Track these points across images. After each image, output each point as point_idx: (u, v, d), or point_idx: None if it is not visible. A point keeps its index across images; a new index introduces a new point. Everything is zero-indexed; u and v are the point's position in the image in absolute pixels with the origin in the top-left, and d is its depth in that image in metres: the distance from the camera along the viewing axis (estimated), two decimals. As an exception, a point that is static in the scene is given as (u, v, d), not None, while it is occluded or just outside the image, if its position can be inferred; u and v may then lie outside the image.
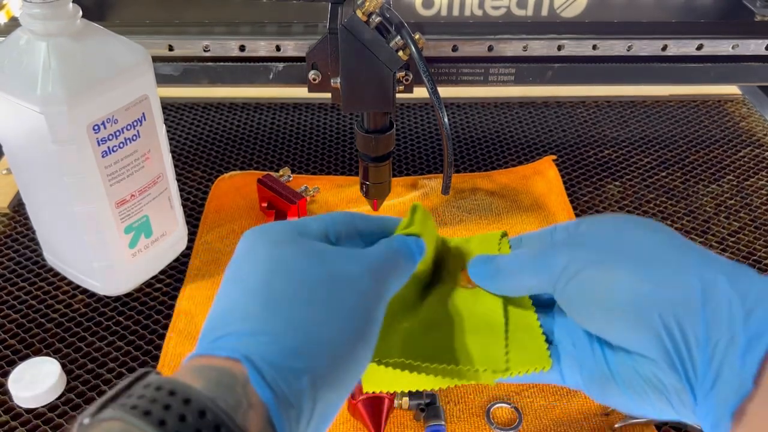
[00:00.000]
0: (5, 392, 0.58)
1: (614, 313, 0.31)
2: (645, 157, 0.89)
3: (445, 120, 0.59)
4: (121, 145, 0.58)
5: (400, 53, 0.59)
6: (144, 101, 0.58)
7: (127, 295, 0.68)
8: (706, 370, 0.29)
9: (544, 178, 0.83)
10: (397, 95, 0.64)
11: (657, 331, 0.30)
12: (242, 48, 0.71)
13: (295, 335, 0.29)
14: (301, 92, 0.93)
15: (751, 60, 0.76)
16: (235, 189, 0.80)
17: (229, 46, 0.71)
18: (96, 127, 0.55)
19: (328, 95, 0.69)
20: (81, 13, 0.55)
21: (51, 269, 0.70)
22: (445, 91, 0.73)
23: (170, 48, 0.70)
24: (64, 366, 0.60)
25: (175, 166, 0.74)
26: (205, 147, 0.89)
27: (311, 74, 0.68)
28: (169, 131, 0.88)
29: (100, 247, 0.61)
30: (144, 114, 0.59)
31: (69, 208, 0.59)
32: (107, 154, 0.57)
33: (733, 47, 0.74)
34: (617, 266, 0.32)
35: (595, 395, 0.35)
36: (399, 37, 0.58)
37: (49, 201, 0.61)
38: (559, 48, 0.72)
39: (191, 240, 0.73)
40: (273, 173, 0.79)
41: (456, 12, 0.82)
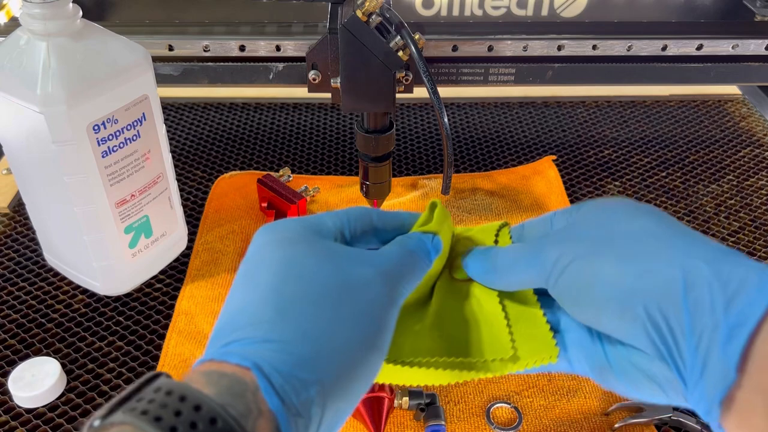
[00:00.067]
0: (5, 392, 0.58)
1: (602, 306, 0.32)
2: (645, 157, 0.89)
3: (445, 120, 0.59)
4: (121, 145, 0.58)
5: (400, 53, 0.59)
6: (144, 101, 0.58)
7: (127, 295, 0.68)
8: (693, 360, 0.29)
9: (544, 178, 0.83)
10: (397, 95, 0.64)
11: (643, 323, 0.30)
12: (242, 48, 0.71)
13: (306, 344, 0.29)
14: (301, 92, 0.93)
15: (751, 60, 0.76)
16: (235, 189, 0.80)
17: (229, 46, 0.71)
18: (96, 127, 0.55)
19: (328, 95, 0.69)
20: (81, 13, 0.55)
21: (51, 269, 0.70)
22: (445, 91, 0.74)
23: (170, 48, 0.70)
24: (64, 366, 0.60)
25: (175, 166, 0.74)
26: (205, 147, 0.89)
27: (311, 74, 0.68)
28: (169, 131, 0.88)
29: (100, 247, 0.61)
30: (144, 114, 0.59)
31: (69, 208, 0.59)
32: (107, 154, 0.57)
33: (733, 47, 0.74)
34: (603, 259, 0.32)
35: (600, 382, 0.35)
36: (399, 37, 0.58)
37: (49, 201, 0.61)
38: (559, 48, 0.72)
39: (191, 240, 0.73)
40: (273, 173, 0.79)
41: (456, 12, 0.82)
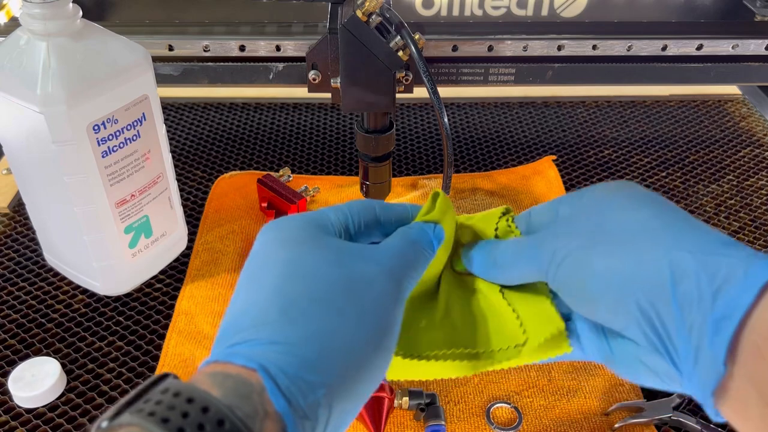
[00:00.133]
0: (5, 392, 0.58)
1: (596, 300, 0.32)
2: (645, 157, 0.89)
3: (445, 120, 0.59)
4: (121, 145, 0.58)
5: (400, 53, 0.59)
6: (144, 101, 0.58)
7: (127, 295, 0.68)
8: (686, 351, 0.29)
9: (544, 178, 0.83)
10: (397, 95, 0.64)
11: (635, 317, 0.30)
12: (242, 48, 0.71)
13: (312, 346, 0.29)
14: (301, 92, 0.93)
15: (751, 60, 0.76)
16: (235, 189, 0.80)
17: (229, 46, 0.71)
18: (96, 127, 0.55)
19: (328, 95, 0.69)
20: (81, 13, 0.55)
21: (51, 269, 0.70)
22: (445, 91, 0.73)
23: (170, 48, 0.70)
24: (64, 366, 0.60)
25: (175, 166, 0.74)
26: (205, 147, 0.89)
27: (311, 74, 0.68)
28: (169, 131, 0.88)
29: (100, 247, 0.61)
30: (144, 114, 0.59)
31: (69, 208, 0.59)
32: (107, 154, 0.57)
33: (733, 47, 0.74)
34: (595, 254, 0.32)
35: (611, 369, 0.35)
36: (399, 37, 0.58)
37: (49, 201, 0.61)
38: (559, 48, 0.72)
39: (191, 240, 0.73)
40: (273, 173, 0.79)
41: (456, 12, 0.82)
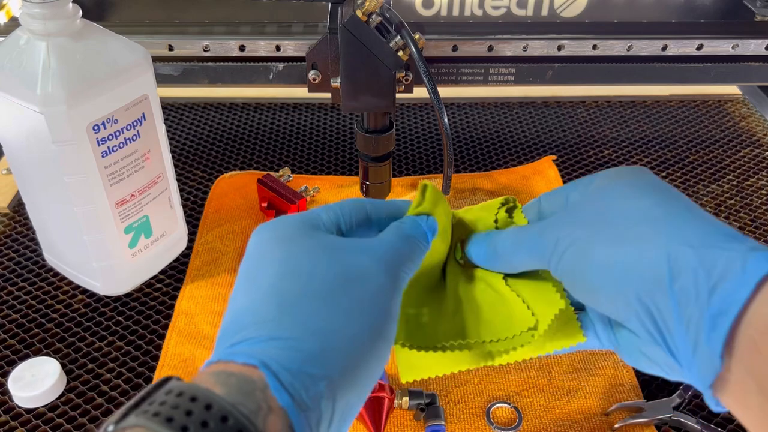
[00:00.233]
0: (5, 392, 0.58)
1: (597, 291, 0.32)
2: (645, 157, 0.89)
3: (445, 120, 0.59)
4: (121, 145, 0.58)
5: (400, 53, 0.59)
6: (144, 101, 0.58)
7: (127, 295, 0.68)
8: (685, 345, 0.29)
9: (544, 178, 0.83)
10: (397, 95, 0.64)
11: (635, 309, 0.30)
12: (242, 48, 0.71)
13: (312, 340, 0.29)
14: (301, 92, 0.93)
15: (751, 60, 0.76)
16: (235, 189, 0.80)
17: (229, 46, 0.71)
18: (96, 127, 0.55)
19: (328, 95, 0.69)
20: (81, 13, 0.55)
21: (51, 269, 0.70)
22: (445, 91, 0.73)
23: (170, 48, 0.70)
24: (64, 366, 0.60)
25: (175, 166, 0.74)
26: (205, 147, 0.89)
27: (311, 74, 0.68)
28: (169, 131, 0.88)
29: (100, 247, 0.61)
30: (144, 114, 0.59)
31: (69, 208, 0.59)
32: (107, 154, 0.57)
33: (733, 47, 0.74)
34: (597, 244, 0.32)
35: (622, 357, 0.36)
36: (399, 37, 0.58)
37: (49, 201, 0.61)
38: (559, 48, 0.72)
39: (191, 240, 0.73)
40: (273, 173, 0.79)
41: (456, 12, 0.82)
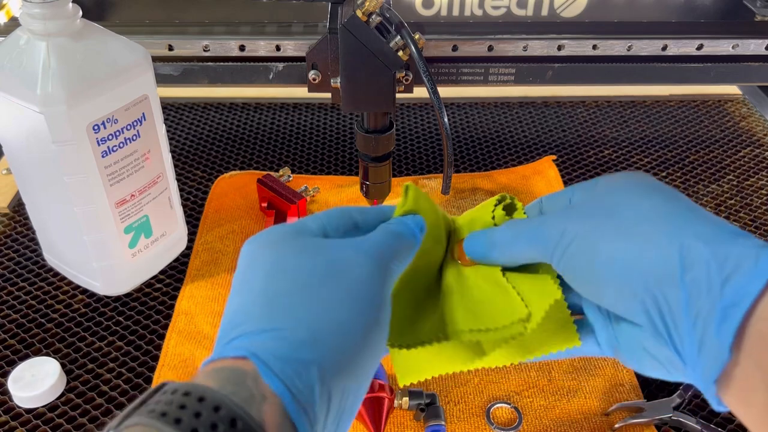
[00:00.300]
0: (5, 392, 0.58)
1: (603, 283, 0.32)
2: (645, 157, 0.89)
3: (445, 120, 0.59)
4: (121, 145, 0.58)
5: (400, 53, 0.59)
6: (144, 101, 0.58)
7: (127, 295, 0.68)
8: (691, 337, 0.29)
9: (544, 178, 0.83)
10: (397, 95, 0.64)
11: (642, 301, 0.30)
12: (242, 48, 0.71)
13: (299, 328, 0.29)
14: (301, 92, 0.93)
15: (751, 60, 0.76)
16: (235, 189, 0.80)
17: (229, 46, 0.71)
18: (96, 127, 0.55)
19: (328, 95, 0.69)
20: (81, 13, 0.55)
21: (51, 269, 0.70)
22: (445, 91, 0.73)
23: (170, 48, 0.70)
24: (64, 366, 0.60)
25: (175, 166, 0.74)
26: (205, 147, 0.89)
27: (311, 74, 0.68)
28: (169, 131, 0.88)
29: (100, 247, 0.61)
30: (144, 114, 0.59)
31: (69, 208, 0.59)
32: (107, 154, 0.57)
33: (733, 47, 0.74)
34: (605, 236, 0.32)
35: (621, 361, 0.36)
36: (399, 37, 0.58)
37: (49, 201, 0.61)
38: (559, 48, 0.72)
39: (191, 240, 0.73)
40: (273, 173, 0.79)
41: (456, 12, 0.82)
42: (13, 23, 0.75)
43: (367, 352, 0.31)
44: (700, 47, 0.74)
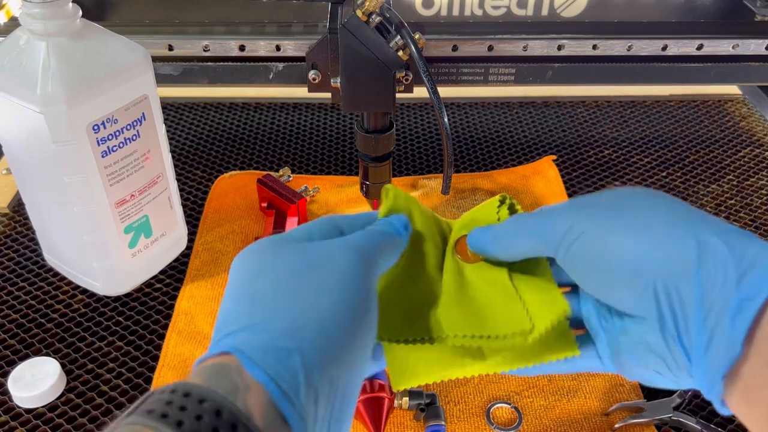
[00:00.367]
0: (5, 392, 0.58)
1: (613, 275, 0.32)
2: (645, 157, 0.89)
3: (445, 120, 0.59)
4: (121, 145, 0.58)
5: (400, 53, 0.59)
6: (144, 101, 0.58)
7: (127, 295, 0.68)
8: (700, 333, 0.29)
9: (544, 178, 0.83)
10: (397, 95, 0.64)
11: (654, 293, 0.30)
12: (242, 48, 0.71)
13: (278, 320, 0.30)
14: (301, 92, 0.93)
15: (751, 60, 0.76)
16: (235, 189, 0.80)
17: (229, 46, 0.71)
18: (96, 127, 0.55)
19: (328, 95, 0.69)
20: (81, 13, 0.55)
21: (51, 269, 0.70)
22: (445, 91, 0.73)
23: (170, 48, 0.70)
24: (64, 366, 0.60)
25: (175, 166, 0.74)
26: (205, 147, 0.89)
27: (311, 74, 0.68)
28: (169, 131, 0.88)
29: (100, 247, 0.61)
30: (144, 114, 0.59)
31: (69, 208, 0.59)
32: (107, 154, 0.57)
33: (733, 47, 0.74)
34: (618, 229, 0.32)
35: (622, 371, 0.35)
36: (399, 37, 0.58)
37: (49, 201, 0.61)
38: (559, 48, 0.72)
39: (191, 240, 0.73)
40: (273, 173, 0.79)
41: (456, 12, 0.82)
42: (13, 23, 0.75)
43: (352, 339, 0.31)
44: (700, 47, 0.74)
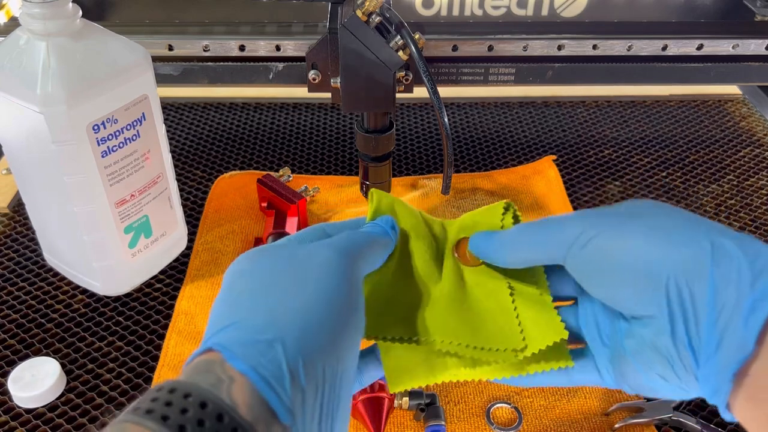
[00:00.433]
0: (5, 392, 0.58)
1: (625, 276, 0.32)
2: (645, 157, 0.89)
3: (445, 120, 0.59)
4: (121, 145, 0.58)
5: (400, 53, 0.59)
6: (144, 101, 0.58)
7: (127, 295, 0.68)
8: (711, 333, 0.29)
9: (544, 178, 0.83)
10: (397, 95, 0.64)
11: (666, 292, 0.31)
12: (242, 48, 0.71)
13: (259, 315, 0.31)
14: (301, 92, 0.93)
15: (751, 60, 0.76)
16: (235, 189, 0.80)
17: (229, 46, 0.71)
18: (96, 127, 0.55)
19: (328, 95, 0.69)
20: (81, 13, 0.55)
21: (51, 269, 0.70)
22: (445, 91, 0.73)
23: (170, 48, 0.70)
24: (64, 366, 0.60)
25: (175, 166, 0.74)
26: (205, 147, 0.89)
27: (311, 74, 0.68)
28: (169, 131, 0.88)
29: (100, 247, 0.61)
30: (144, 114, 0.59)
31: (69, 208, 0.59)
32: (107, 154, 0.57)
33: (733, 47, 0.74)
34: (631, 231, 0.33)
35: (623, 384, 0.35)
36: (399, 37, 0.58)
37: (49, 201, 0.61)
38: (559, 48, 0.72)
39: (191, 240, 0.73)
40: (273, 173, 0.79)
41: (456, 12, 0.82)
42: (13, 23, 0.75)
43: (336, 329, 0.31)
44: (700, 47, 0.74)
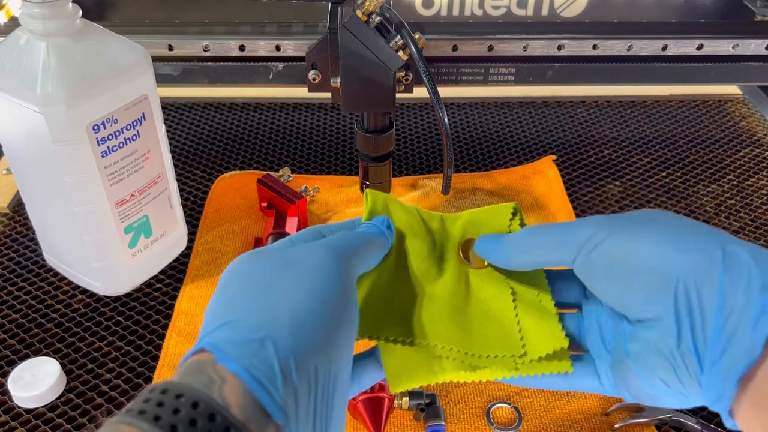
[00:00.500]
0: (5, 392, 0.58)
1: (635, 278, 0.32)
2: (645, 157, 0.89)
3: (445, 120, 0.59)
4: (121, 145, 0.58)
5: (400, 53, 0.59)
6: (144, 101, 0.58)
7: (127, 295, 0.68)
8: (717, 337, 0.29)
9: (544, 178, 0.83)
10: (397, 95, 0.64)
11: (674, 294, 0.31)
12: (242, 48, 0.71)
13: (252, 314, 0.31)
14: (301, 92, 0.93)
15: (751, 60, 0.76)
16: (235, 189, 0.80)
17: (229, 46, 0.71)
18: (96, 127, 0.55)
19: (328, 95, 0.69)
20: (81, 13, 0.55)
21: (51, 269, 0.70)
22: (445, 91, 0.74)
23: (170, 48, 0.70)
24: (64, 366, 0.60)
25: (175, 166, 0.74)
26: (205, 147, 0.89)
27: (311, 74, 0.68)
28: (169, 131, 0.88)
29: (100, 247, 0.61)
30: (144, 114, 0.59)
31: (69, 208, 0.59)
32: (107, 154, 0.57)
33: (733, 47, 0.74)
34: (643, 235, 0.33)
35: (623, 391, 0.35)
36: (399, 37, 0.58)
37: (49, 201, 0.61)
38: (559, 48, 0.72)
39: (191, 240, 0.73)
40: (273, 173, 0.79)
41: (456, 12, 0.82)
42: (13, 23, 0.75)
43: (329, 328, 0.31)
44: (700, 47, 0.74)
